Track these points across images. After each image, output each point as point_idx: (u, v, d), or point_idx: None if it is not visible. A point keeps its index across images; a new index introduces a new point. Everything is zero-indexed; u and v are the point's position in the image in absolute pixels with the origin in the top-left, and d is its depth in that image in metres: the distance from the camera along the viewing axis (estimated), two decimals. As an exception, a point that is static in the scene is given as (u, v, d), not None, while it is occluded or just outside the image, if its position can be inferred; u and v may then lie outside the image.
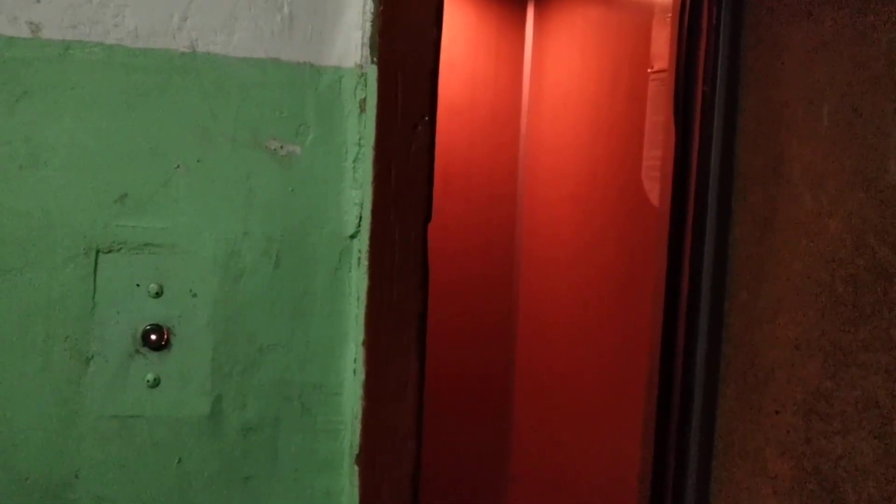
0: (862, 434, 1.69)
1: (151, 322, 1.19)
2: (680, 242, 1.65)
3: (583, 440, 2.74)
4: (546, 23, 3.11)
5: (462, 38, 3.07)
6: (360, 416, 1.24)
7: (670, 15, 2.01)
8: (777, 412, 1.83)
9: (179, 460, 1.22)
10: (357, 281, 1.25)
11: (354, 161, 1.24)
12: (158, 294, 1.19)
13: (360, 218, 1.24)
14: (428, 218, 1.24)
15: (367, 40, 1.22)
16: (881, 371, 1.68)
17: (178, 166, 1.19)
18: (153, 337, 1.18)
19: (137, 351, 1.19)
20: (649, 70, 2.34)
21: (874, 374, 1.68)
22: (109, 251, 1.17)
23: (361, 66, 1.23)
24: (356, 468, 1.25)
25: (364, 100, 1.22)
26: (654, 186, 2.19)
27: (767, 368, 1.85)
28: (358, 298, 1.24)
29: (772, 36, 1.81)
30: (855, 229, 1.69)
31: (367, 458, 1.24)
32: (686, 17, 1.77)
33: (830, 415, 1.72)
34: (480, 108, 3.12)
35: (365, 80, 1.22)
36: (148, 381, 1.19)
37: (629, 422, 2.24)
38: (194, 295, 1.20)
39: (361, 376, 1.23)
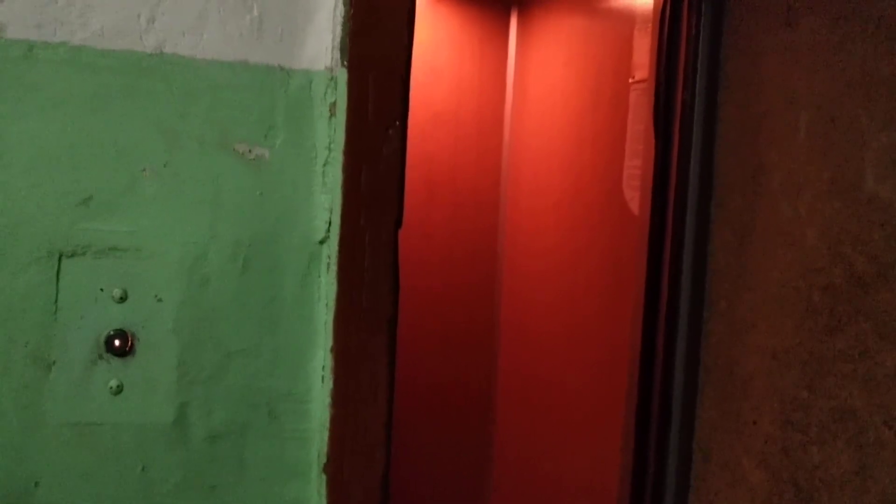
0: (838, 445, 1.68)
1: (115, 327, 1.16)
2: (660, 251, 1.64)
3: (565, 449, 2.72)
4: (529, 31, 3.11)
5: (446, 46, 3.06)
6: (328, 424, 1.22)
7: (651, 24, 2.01)
8: (755, 422, 1.82)
9: (143, 468, 1.19)
10: (326, 286, 1.23)
11: (324, 165, 1.22)
12: (123, 299, 1.17)
13: (330, 223, 1.22)
14: (399, 223, 1.23)
15: (337, 43, 1.20)
16: (857, 380, 1.67)
17: (145, 169, 1.17)
18: (117, 343, 1.16)
19: (101, 357, 1.17)
20: (630, 80, 2.34)
21: (850, 383, 1.67)
22: (73, 255, 1.15)
23: (332, 70, 1.21)
24: (324, 477, 1.23)
25: (334, 103, 1.21)
26: (634, 195, 2.19)
27: (745, 378, 1.84)
28: (327, 304, 1.23)
29: (751, 44, 1.81)
30: (831, 238, 1.69)
31: (335, 467, 1.22)
32: (666, 25, 1.77)
33: (807, 425, 1.72)
34: (465, 116, 3.12)
35: (335, 83, 1.21)
36: (111, 387, 1.17)
37: (612, 430, 2.22)
38: (159, 300, 1.18)
39: (330, 383, 1.22)
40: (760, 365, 1.81)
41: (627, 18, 2.38)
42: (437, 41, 3.04)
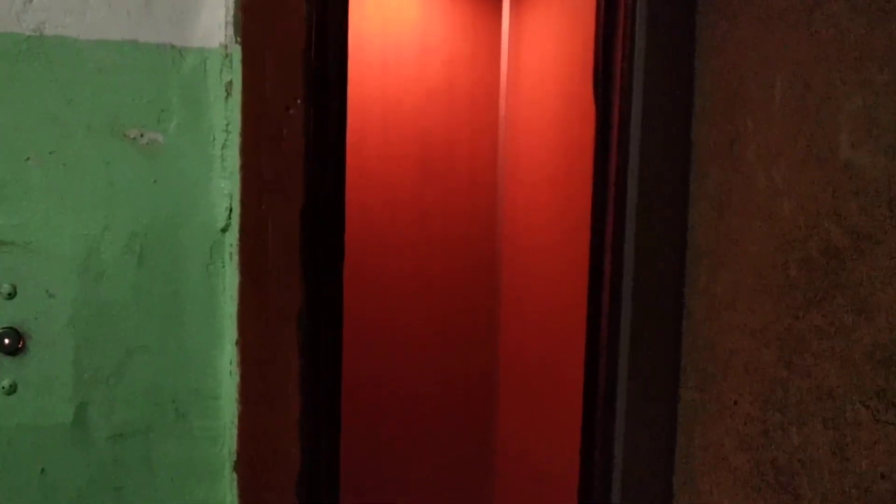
0: (816, 425, 1.59)
1: (5, 325, 1.11)
2: (602, 225, 1.54)
3: (568, 433, 2.64)
4: (522, 3, 3.00)
5: (438, 21, 2.97)
6: (236, 421, 1.16)
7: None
8: (735, 402, 1.74)
9: (43, 471, 1.14)
10: (231, 277, 1.16)
11: (222, 148, 1.15)
12: (11, 295, 1.11)
13: (231, 209, 1.15)
14: (306, 207, 1.16)
15: (230, 18, 1.13)
16: (835, 359, 1.59)
17: (29, 158, 1.11)
18: (7, 341, 1.11)
19: (-9, 356, 1.12)
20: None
21: (827, 362, 1.59)
22: (-41, 250, 1.10)
23: (227, 47, 1.14)
24: (235, 476, 1.17)
25: (230, 83, 1.14)
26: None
27: (725, 357, 1.76)
28: (232, 296, 1.16)
29: (726, 7, 1.70)
30: (808, 210, 1.60)
31: (246, 466, 1.16)
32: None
33: (786, 405, 1.64)
34: (458, 91, 3.02)
35: (231, 61, 1.14)
36: (3, 387, 1.12)
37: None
38: (51, 295, 1.13)
39: (237, 378, 1.15)
40: (740, 343, 1.73)
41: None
42: (428, 18, 2.95)
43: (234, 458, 1.16)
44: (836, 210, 1.55)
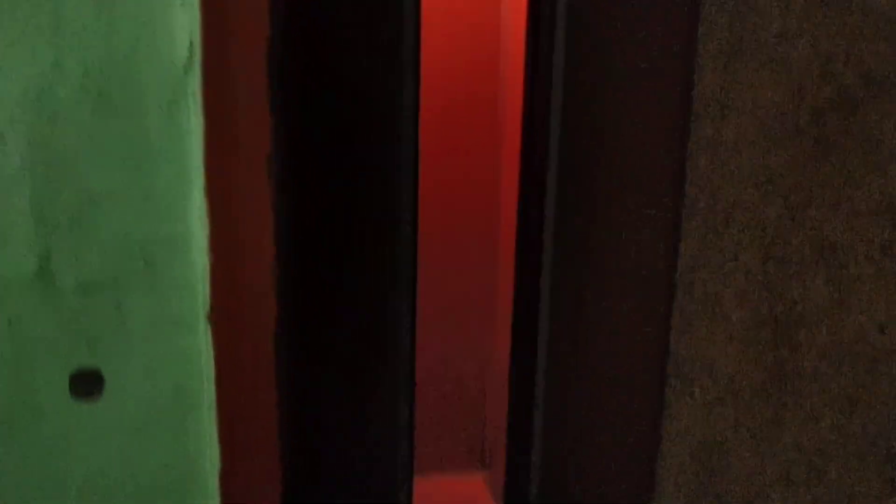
0: (818, 279, 1.55)
1: (-45, 170, 1.05)
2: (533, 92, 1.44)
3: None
4: None
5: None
6: (208, 272, 1.11)
7: None
8: (736, 256, 1.69)
9: (10, 322, 1.11)
10: (196, 119, 1.09)
11: (180, -24, 1.05)
12: (-40, 139, 1.05)
13: (192, 45, 1.06)
14: (273, 41, 1.07)
15: None
16: (841, 212, 1.53)
17: (-34, -12, 1.02)
18: (-41, 187, 1.05)
19: (-56, 203, 1.06)
20: None
21: (833, 214, 1.53)
22: None
23: None
24: (209, 326, 1.13)
25: None
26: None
27: (728, 209, 1.70)
28: (198, 140, 1.09)
29: None
30: (821, 53, 1.49)
31: (221, 316, 1.12)
32: None
33: (788, 259, 1.59)
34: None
35: None
36: (-41, 236, 1.07)
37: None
38: (3, 139, 1.06)
39: (207, 227, 1.10)
40: (743, 195, 1.66)
41: None
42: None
43: (208, 309, 1.13)
44: (852, 54, 1.46)
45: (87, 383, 1.13)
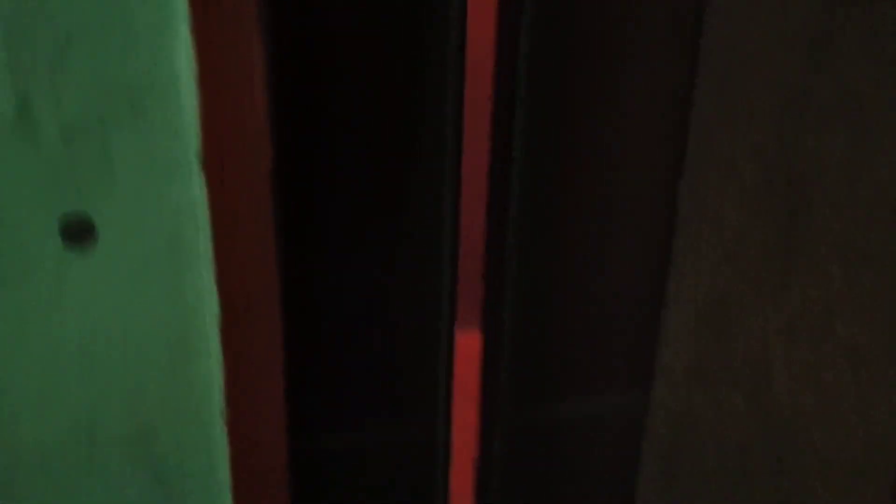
0: (837, 131, 1.49)
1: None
2: None
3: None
4: None
5: None
6: (197, 115, 1.05)
7: None
8: (752, 115, 1.63)
9: (-8, 168, 1.06)
10: (176, -52, 1.00)
11: None
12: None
13: None
14: None
15: None
16: (862, 62, 1.44)
17: None
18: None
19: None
20: None
21: (854, 65, 1.45)
22: None
23: None
24: (203, 173, 1.08)
25: None
26: None
27: (744, 60, 1.62)
28: (181, -29, 1.01)
29: None
30: None
31: (213, 162, 1.07)
32: None
33: (806, 111, 1.52)
34: None
35: None
36: (-69, 77, 1.01)
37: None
38: (-32, -30, 0.98)
39: (194, 68, 1.03)
40: (761, 47, 1.58)
41: None
42: None
43: (200, 155, 1.07)
44: None
45: (77, 230, 1.09)
